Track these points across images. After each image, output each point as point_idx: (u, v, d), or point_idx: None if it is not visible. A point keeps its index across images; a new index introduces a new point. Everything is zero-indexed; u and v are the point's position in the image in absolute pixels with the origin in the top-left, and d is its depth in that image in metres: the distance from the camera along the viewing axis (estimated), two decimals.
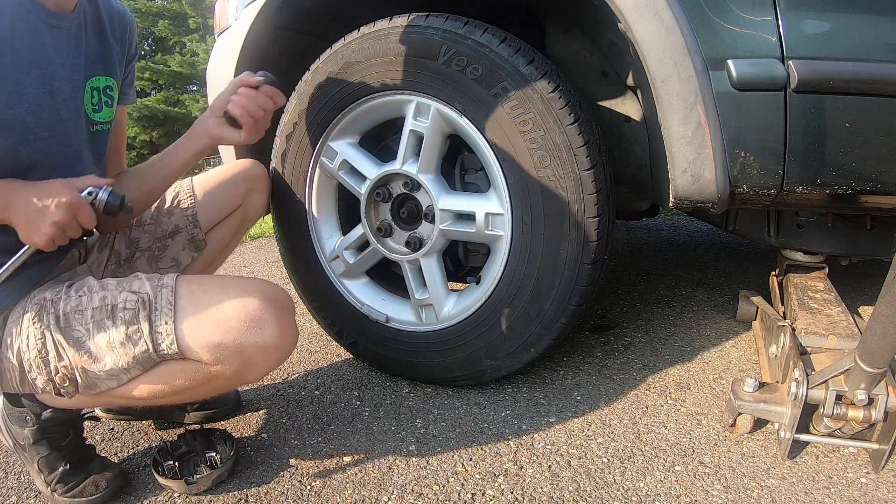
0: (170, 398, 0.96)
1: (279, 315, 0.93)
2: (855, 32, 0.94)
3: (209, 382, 0.93)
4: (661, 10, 0.97)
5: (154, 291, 0.91)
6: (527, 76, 1.07)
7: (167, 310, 0.89)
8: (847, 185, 1.00)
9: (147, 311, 0.89)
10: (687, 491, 0.95)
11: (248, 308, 0.90)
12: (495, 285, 1.20)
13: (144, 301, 0.90)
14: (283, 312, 0.94)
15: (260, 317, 0.90)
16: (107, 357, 0.89)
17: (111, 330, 0.89)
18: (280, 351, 0.95)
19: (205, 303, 0.91)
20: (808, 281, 1.38)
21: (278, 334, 0.92)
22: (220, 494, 1.01)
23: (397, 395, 1.32)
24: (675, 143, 1.02)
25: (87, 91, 0.98)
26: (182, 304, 0.90)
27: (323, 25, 1.47)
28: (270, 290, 0.96)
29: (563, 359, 1.44)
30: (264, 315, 0.91)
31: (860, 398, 0.91)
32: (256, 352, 0.91)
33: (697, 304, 1.77)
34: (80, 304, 0.90)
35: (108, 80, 1.03)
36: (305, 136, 1.32)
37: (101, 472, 1.03)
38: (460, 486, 0.99)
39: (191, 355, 0.89)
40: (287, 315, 0.96)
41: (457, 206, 1.20)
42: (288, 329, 0.95)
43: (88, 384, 0.91)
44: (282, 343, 0.93)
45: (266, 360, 0.94)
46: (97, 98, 1.01)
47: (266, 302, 0.92)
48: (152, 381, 0.92)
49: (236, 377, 0.94)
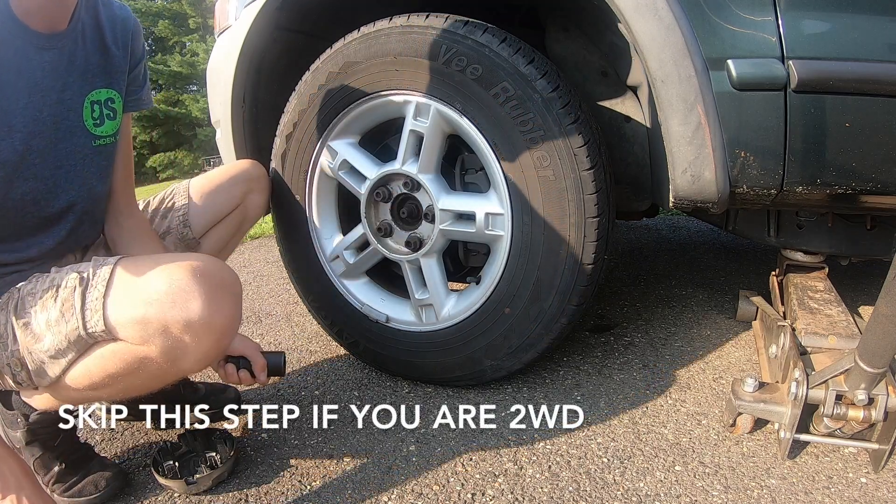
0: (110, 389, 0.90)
1: (209, 289, 0.83)
2: (855, 32, 0.94)
3: (142, 368, 0.86)
4: (661, 10, 0.97)
5: (94, 269, 0.86)
6: (527, 76, 1.07)
7: (101, 286, 0.83)
8: (847, 185, 1.00)
9: (83, 288, 0.84)
10: (687, 491, 0.95)
11: (174, 279, 0.82)
12: (495, 285, 1.20)
13: (83, 278, 0.85)
14: (214, 287, 0.84)
15: (185, 288, 0.81)
16: (46, 337, 0.84)
17: (51, 309, 0.84)
18: (210, 330, 0.84)
19: (136, 277, 0.84)
20: (808, 281, 1.38)
21: (205, 309, 0.82)
22: (220, 494, 1.01)
23: (397, 395, 1.32)
24: (675, 143, 1.02)
25: (86, 106, 0.96)
26: (115, 280, 0.84)
27: (323, 25, 1.47)
28: (206, 263, 0.87)
29: (563, 359, 1.44)
30: (190, 287, 0.81)
31: (860, 398, 0.91)
32: (182, 329, 0.82)
33: (697, 304, 1.77)
34: (35, 286, 0.87)
35: (110, 93, 1.00)
36: (305, 136, 1.32)
37: (100, 471, 1.03)
38: (460, 486, 0.99)
39: (118, 333, 0.83)
40: (220, 291, 0.85)
41: (457, 206, 1.20)
42: (220, 306, 0.84)
43: (37, 370, 0.87)
44: (211, 321, 0.83)
45: (196, 341, 0.83)
46: (98, 112, 0.99)
47: (194, 274, 0.83)
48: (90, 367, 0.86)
49: (169, 363, 0.85)
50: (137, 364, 0.85)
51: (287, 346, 1.66)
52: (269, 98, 1.50)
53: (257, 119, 1.50)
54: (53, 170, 0.94)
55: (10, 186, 0.89)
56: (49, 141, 0.91)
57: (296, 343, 1.68)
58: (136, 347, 0.83)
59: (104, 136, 1.01)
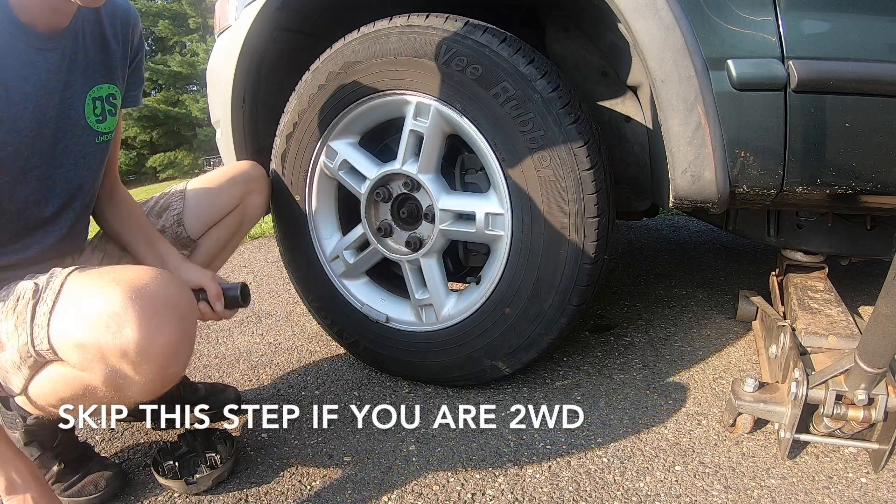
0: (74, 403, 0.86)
1: (146, 312, 0.74)
2: (855, 32, 0.94)
3: (88, 395, 0.81)
4: (661, 10, 0.97)
5: (47, 280, 0.81)
6: (527, 76, 1.07)
7: (49, 300, 0.78)
8: (847, 185, 1.00)
9: (35, 301, 0.79)
10: (687, 491, 0.95)
11: (109, 300, 0.74)
12: (495, 285, 1.20)
13: (37, 289, 0.80)
14: (153, 309, 0.75)
15: (119, 312, 0.73)
16: (7, 347, 0.81)
17: (10, 318, 0.81)
18: (148, 360, 0.75)
19: (79, 292, 0.78)
20: (808, 281, 1.38)
21: (140, 336, 0.73)
22: (220, 494, 1.01)
23: (397, 395, 1.32)
24: (675, 143, 1.02)
25: (88, 102, 0.95)
26: (63, 294, 0.79)
27: (323, 25, 1.47)
28: (149, 280, 0.77)
29: (563, 359, 1.44)
30: (124, 311, 0.73)
31: (860, 398, 0.91)
32: (119, 357, 0.74)
33: (697, 304, 1.77)
34: (6, 293, 0.84)
35: (111, 88, 0.99)
36: (305, 136, 1.32)
37: (100, 471, 1.03)
38: (460, 486, 0.99)
39: (62, 355, 0.78)
40: (160, 313, 0.76)
41: (457, 206, 1.20)
42: (158, 331, 0.75)
43: (4, 379, 0.85)
44: (148, 349, 0.74)
45: (136, 371, 0.75)
46: (100, 108, 0.98)
47: (131, 295, 0.74)
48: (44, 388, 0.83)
49: (113, 392, 0.79)
50: (83, 391, 0.81)
51: (287, 347, 1.66)
52: (269, 98, 1.50)
53: (257, 119, 1.50)
54: (53, 169, 0.94)
55: (14, 189, 0.89)
56: (50, 141, 0.91)
57: (296, 343, 1.68)
58: (79, 373, 0.79)
59: (106, 133, 1.00)
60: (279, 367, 1.53)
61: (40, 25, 0.85)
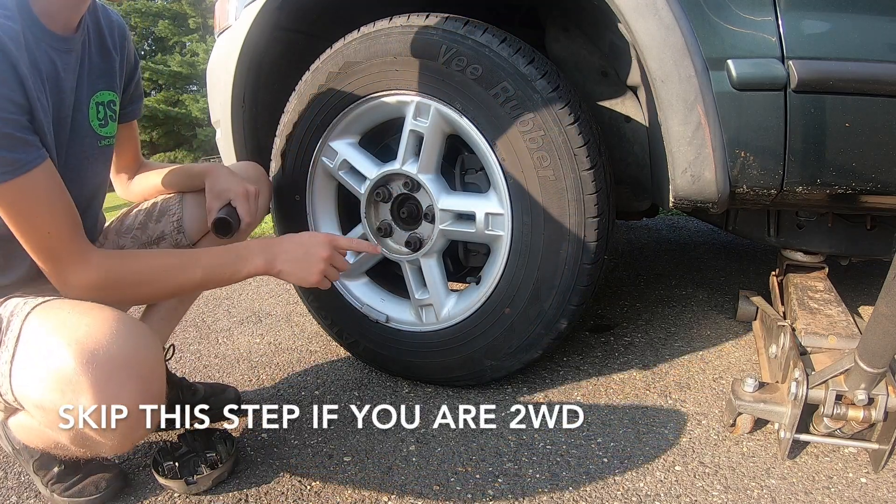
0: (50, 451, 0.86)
1: (100, 377, 0.70)
2: (855, 32, 0.94)
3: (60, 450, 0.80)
4: (661, 10, 0.97)
5: (9, 319, 0.77)
6: (527, 76, 1.07)
7: (10, 344, 0.75)
8: (847, 185, 1.00)
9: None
10: (687, 491, 0.95)
11: (60, 365, 0.70)
12: (495, 285, 1.20)
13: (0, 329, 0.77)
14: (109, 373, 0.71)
15: (72, 379, 0.70)
16: None
17: None
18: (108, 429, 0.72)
19: (36, 346, 0.74)
20: (808, 281, 1.38)
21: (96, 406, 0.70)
22: (220, 494, 1.01)
23: (397, 395, 1.32)
24: (675, 143, 1.02)
25: (91, 107, 0.96)
26: (22, 341, 0.75)
27: (323, 25, 1.47)
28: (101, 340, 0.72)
29: (563, 359, 1.44)
30: (77, 378, 0.70)
31: (860, 398, 0.91)
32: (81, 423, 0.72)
33: (697, 304, 1.77)
34: None
35: (112, 95, 1.01)
36: (305, 136, 1.32)
37: (100, 472, 1.03)
38: (460, 486, 0.99)
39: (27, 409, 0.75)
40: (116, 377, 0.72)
41: (457, 206, 1.20)
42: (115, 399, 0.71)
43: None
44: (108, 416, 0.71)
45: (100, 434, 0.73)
46: (103, 113, 0.99)
47: (82, 360, 0.70)
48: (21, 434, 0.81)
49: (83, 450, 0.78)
50: (54, 445, 0.79)
51: (287, 347, 1.66)
52: (269, 98, 1.50)
53: (257, 119, 1.50)
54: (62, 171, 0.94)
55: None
56: (62, 143, 0.92)
57: (296, 343, 1.68)
58: (46, 430, 0.77)
59: (108, 137, 1.01)
60: (279, 367, 1.53)
61: (58, 28, 0.87)
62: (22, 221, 0.79)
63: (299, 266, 0.96)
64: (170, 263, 0.92)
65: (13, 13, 0.78)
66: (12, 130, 0.73)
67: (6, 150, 0.73)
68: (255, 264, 0.95)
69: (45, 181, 0.79)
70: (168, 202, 1.20)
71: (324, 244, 0.98)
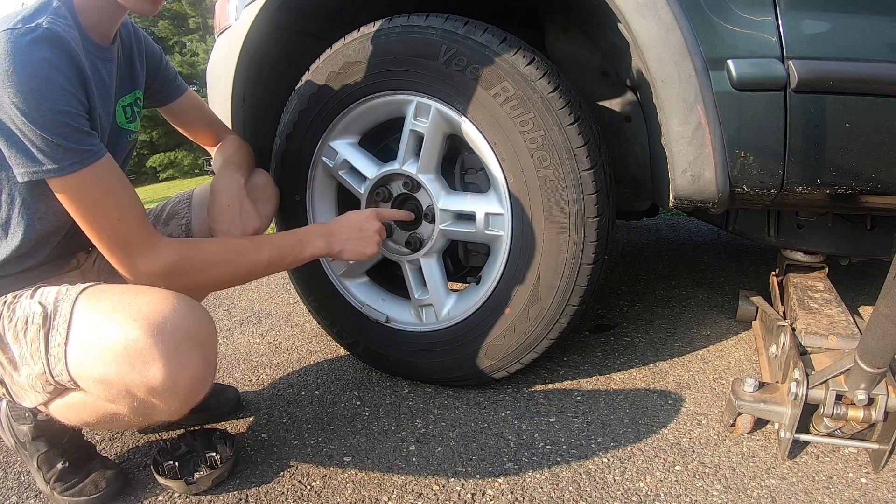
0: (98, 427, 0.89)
1: (170, 348, 0.77)
2: (855, 32, 0.94)
3: (114, 421, 0.84)
4: (661, 10, 0.97)
5: (55, 305, 0.81)
6: (527, 76, 1.07)
7: (62, 330, 0.79)
8: (847, 185, 1.00)
9: (46, 329, 0.80)
10: (687, 491, 0.95)
11: (129, 338, 0.75)
12: (495, 285, 1.20)
13: (46, 315, 0.81)
14: (176, 344, 0.77)
15: (142, 351, 0.75)
16: (22, 369, 0.82)
17: (22, 344, 0.81)
18: (175, 395, 0.78)
19: (94, 325, 0.78)
20: (808, 281, 1.38)
21: (166, 374, 0.76)
22: (220, 494, 1.01)
23: (397, 395, 1.32)
24: (675, 143, 1.02)
25: (119, 110, 1.00)
26: (75, 324, 0.79)
27: (323, 25, 1.47)
28: (168, 311, 0.79)
29: (563, 359, 1.44)
30: (148, 350, 0.75)
31: (860, 398, 0.91)
32: (146, 393, 0.77)
33: (697, 304, 1.77)
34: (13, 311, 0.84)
35: (136, 94, 1.05)
36: (305, 136, 1.32)
37: (100, 471, 1.03)
38: (460, 486, 0.99)
39: (84, 387, 0.79)
40: (183, 348, 0.78)
41: (457, 206, 1.20)
42: (184, 366, 0.78)
43: (17, 394, 0.86)
44: (175, 385, 0.77)
45: (164, 402, 0.79)
46: (130, 112, 1.03)
47: (152, 332, 0.76)
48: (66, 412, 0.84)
49: (141, 418, 0.83)
50: (109, 417, 0.83)
51: (287, 347, 1.66)
52: (269, 98, 1.50)
53: (257, 119, 1.50)
54: None
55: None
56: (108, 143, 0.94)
57: (296, 343, 1.68)
58: (105, 403, 0.81)
59: (135, 132, 1.05)
60: (279, 367, 1.53)
61: (100, 38, 0.91)
62: (92, 210, 0.82)
63: (358, 243, 1.10)
64: (240, 245, 0.99)
65: (72, 24, 0.82)
66: (80, 125, 0.78)
67: (74, 142, 0.78)
68: (317, 245, 1.07)
69: (111, 171, 0.83)
70: (177, 206, 1.21)
71: (373, 218, 1.13)
